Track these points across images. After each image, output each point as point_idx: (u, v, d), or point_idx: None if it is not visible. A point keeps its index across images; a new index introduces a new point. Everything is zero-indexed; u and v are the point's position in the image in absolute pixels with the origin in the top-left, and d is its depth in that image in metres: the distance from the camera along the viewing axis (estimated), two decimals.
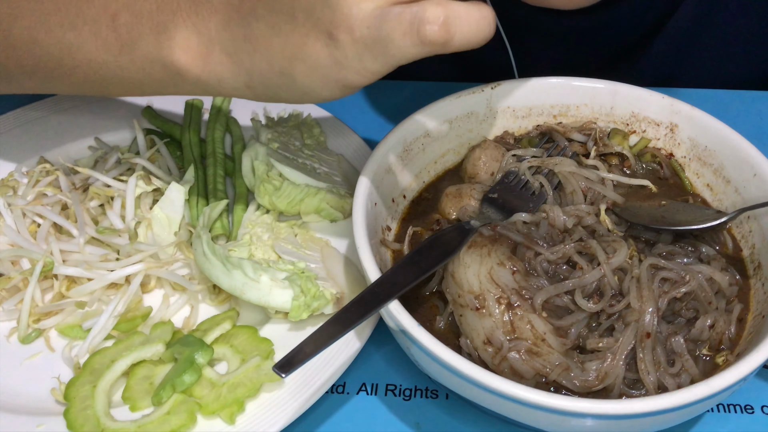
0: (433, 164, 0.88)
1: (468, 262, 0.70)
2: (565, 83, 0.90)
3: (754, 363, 0.62)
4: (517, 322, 0.67)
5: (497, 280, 0.69)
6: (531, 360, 0.66)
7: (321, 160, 0.97)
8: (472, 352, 0.69)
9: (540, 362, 0.66)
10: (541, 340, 0.67)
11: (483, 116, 0.89)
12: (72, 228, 0.86)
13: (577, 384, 0.66)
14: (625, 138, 0.88)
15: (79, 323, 0.82)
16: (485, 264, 0.70)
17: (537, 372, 0.66)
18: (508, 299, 0.68)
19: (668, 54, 1.13)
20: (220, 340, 0.78)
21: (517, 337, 0.67)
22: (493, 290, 0.68)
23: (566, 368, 0.66)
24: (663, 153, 0.88)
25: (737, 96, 1.12)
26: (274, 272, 0.77)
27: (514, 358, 0.66)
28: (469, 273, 0.70)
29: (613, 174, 0.83)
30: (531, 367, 0.66)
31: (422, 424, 0.74)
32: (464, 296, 0.69)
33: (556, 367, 0.66)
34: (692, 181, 0.86)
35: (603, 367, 0.66)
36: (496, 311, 0.67)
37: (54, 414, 0.74)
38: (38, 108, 1.06)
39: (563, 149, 0.87)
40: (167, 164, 0.98)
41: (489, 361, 0.67)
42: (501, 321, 0.67)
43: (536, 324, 0.67)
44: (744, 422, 0.74)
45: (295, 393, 0.73)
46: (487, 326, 0.67)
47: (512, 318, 0.67)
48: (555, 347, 0.67)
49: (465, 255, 0.71)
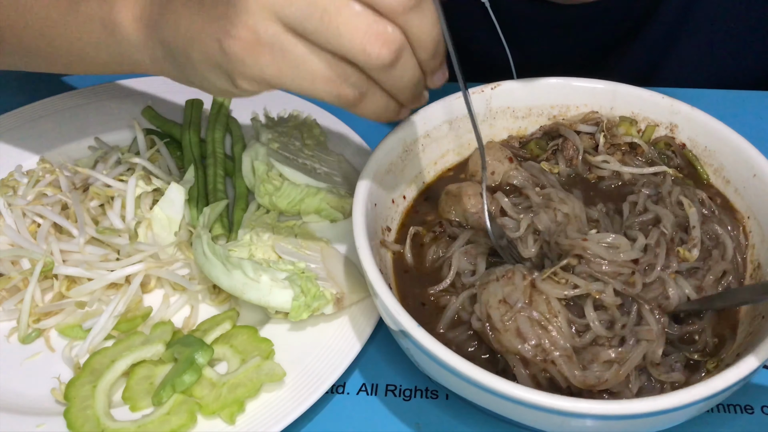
0: (433, 165, 0.88)
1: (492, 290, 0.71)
2: (565, 83, 0.90)
3: (754, 363, 0.62)
4: (536, 296, 0.68)
5: None
6: (538, 330, 0.66)
7: (321, 160, 0.97)
8: (482, 314, 0.69)
9: (546, 337, 0.66)
10: (554, 317, 0.67)
11: (483, 116, 0.89)
12: (72, 228, 0.86)
13: (576, 377, 0.65)
14: (632, 125, 0.87)
15: (79, 323, 0.82)
16: None
17: (539, 344, 0.66)
18: (533, 279, 0.69)
19: (656, 47, 1.14)
20: (220, 340, 0.78)
21: (532, 306, 0.67)
22: (520, 269, 0.70)
23: (569, 356, 0.66)
24: (677, 142, 0.87)
25: (737, 96, 1.12)
26: (274, 272, 0.77)
27: (522, 321, 0.67)
28: None
29: (628, 167, 0.83)
30: (535, 336, 0.66)
31: (422, 425, 0.74)
32: (492, 273, 0.71)
33: (560, 349, 0.66)
34: (708, 173, 0.85)
35: (606, 374, 0.66)
36: (521, 282, 0.69)
37: (54, 414, 0.74)
38: (38, 108, 1.06)
39: (573, 143, 0.86)
40: (167, 164, 0.98)
41: (497, 318, 0.68)
42: (522, 289, 0.68)
43: (553, 304, 0.68)
44: (744, 422, 0.74)
45: (295, 393, 0.73)
46: (507, 290, 0.68)
47: (533, 292, 0.68)
48: (565, 333, 0.67)
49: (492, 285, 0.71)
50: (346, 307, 0.79)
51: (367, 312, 0.80)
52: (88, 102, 1.07)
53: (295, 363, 0.76)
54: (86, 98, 1.08)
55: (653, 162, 0.85)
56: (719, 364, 0.69)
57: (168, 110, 1.07)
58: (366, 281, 0.70)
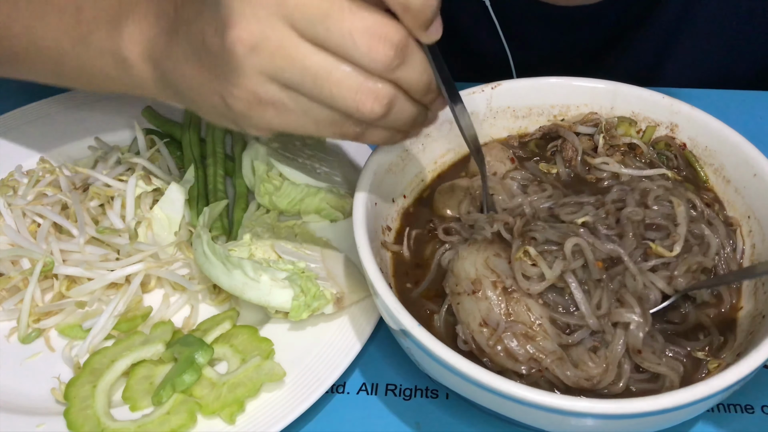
0: (433, 164, 0.88)
1: (465, 255, 0.71)
2: (565, 83, 0.90)
3: (754, 363, 0.62)
4: (513, 306, 0.67)
5: (494, 267, 0.70)
6: (526, 343, 0.66)
7: (321, 160, 0.97)
8: (467, 337, 0.69)
9: (535, 346, 0.66)
10: (537, 325, 0.67)
11: (483, 116, 0.89)
12: (72, 228, 0.86)
13: (569, 377, 0.65)
14: (631, 125, 0.87)
15: (79, 323, 0.82)
16: (482, 254, 0.71)
17: (531, 357, 0.66)
18: (503, 283, 0.68)
19: (655, 47, 1.14)
20: (220, 340, 0.78)
21: (513, 320, 0.67)
22: (489, 275, 0.69)
23: (560, 357, 0.66)
24: (677, 143, 0.87)
25: (737, 96, 1.12)
26: (274, 272, 0.77)
27: (509, 339, 0.66)
28: (467, 263, 0.70)
29: (628, 169, 0.83)
30: (525, 351, 0.66)
31: (422, 424, 0.74)
32: (461, 284, 0.70)
33: (549, 354, 0.66)
34: (708, 173, 0.85)
35: (595, 373, 0.66)
36: (492, 295, 0.68)
37: (54, 414, 0.74)
38: (38, 108, 1.06)
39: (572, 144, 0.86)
40: (167, 164, 0.98)
41: (484, 343, 0.67)
42: (497, 303, 0.68)
43: (533, 308, 0.67)
44: (744, 422, 0.74)
45: (295, 393, 0.73)
46: (483, 308, 0.68)
47: (508, 302, 0.68)
48: (550, 335, 0.67)
49: (463, 249, 0.72)
50: (346, 306, 0.79)
51: (367, 311, 0.80)
52: (88, 102, 1.07)
53: (295, 363, 0.76)
54: (86, 98, 1.08)
55: (652, 163, 0.85)
56: (721, 364, 0.69)
57: (168, 110, 1.06)
58: (366, 281, 0.70)
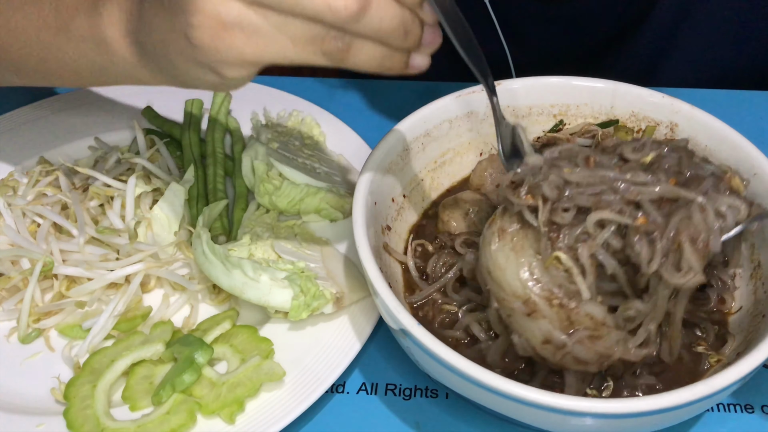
0: (433, 164, 0.88)
1: (503, 264, 0.66)
2: (565, 83, 0.90)
3: (754, 363, 0.62)
4: (574, 316, 0.64)
5: (539, 276, 0.65)
6: (593, 345, 0.64)
7: (321, 160, 0.97)
8: (527, 349, 0.66)
9: (602, 345, 0.64)
10: (602, 325, 0.65)
11: (483, 116, 0.89)
12: (72, 228, 0.86)
13: (633, 353, 0.64)
14: (628, 133, 0.87)
15: (79, 323, 0.82)
16: (519, 256, 0.66)
17: (600, 355, 0.65)
18: (558, 299, 0.64)
19: (655, 46, 1.14)
20: (220, 340, 0.78)
21: (577, 329, 0.64)
22: (537, 290, 0.65)
23: (624, 340, 0.65)
24: None
25: (737, 96, 1.12)
26: (273, 272, 0.77)
27: (576, 350, 0.64)
28: (508, 276, 0.66)
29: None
30: (594, 353, 0.65)
31: (422, 424, 0.74)
32: (509, 300, 0.66)
33: (615, 344, 0.64)
34: None
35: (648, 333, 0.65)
36: (549, 311, 0.64)
37: (54, 414, 0.74)
38: (38, 108, 1.06)
39: None
40: (167, 164, 0.98)
41: (550, 357, 0.66)
42: (557, 319, 0.64)
43: (594, 311, 0.64)
44: (744, 422, 0.74)
45: (295, 393, 0.73)
46: (544, 328, 0.65)
47: (568, 314, 0.64)
48: (612, 325, 0.65)
49: (497, 252, 0.67)
50: (345, 306, 0.79)
51: (367, 311, 0.80)
52: (88, 102, 1.07)
53: (295, 362, 0.76)
54: (86, 98, 1.08)
55: None
56: (721, 359, 0.69)
57: (168, 110, 1.06)
58: (366, 280, 0.70)
